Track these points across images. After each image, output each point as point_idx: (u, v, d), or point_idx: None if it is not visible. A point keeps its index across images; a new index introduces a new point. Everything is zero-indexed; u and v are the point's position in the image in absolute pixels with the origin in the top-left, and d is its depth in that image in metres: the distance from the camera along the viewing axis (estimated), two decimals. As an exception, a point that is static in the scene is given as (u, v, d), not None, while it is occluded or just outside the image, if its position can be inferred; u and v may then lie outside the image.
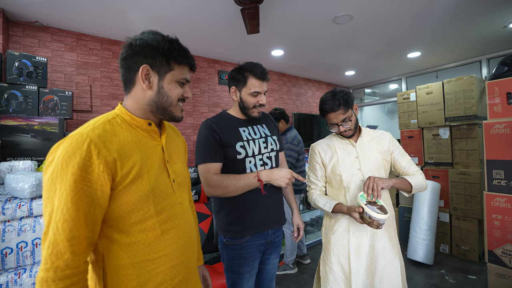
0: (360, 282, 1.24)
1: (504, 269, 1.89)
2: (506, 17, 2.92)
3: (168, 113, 0.79)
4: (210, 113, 3.99)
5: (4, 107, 2.04)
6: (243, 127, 1.26)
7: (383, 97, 6.25)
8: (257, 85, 1.21)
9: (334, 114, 1.27)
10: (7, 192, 1.49)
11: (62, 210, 0.59)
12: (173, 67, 0.76)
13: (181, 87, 0.79)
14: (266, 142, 1.28)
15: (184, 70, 0.79)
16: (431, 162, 3.16)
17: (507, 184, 1.90)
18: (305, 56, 4.03)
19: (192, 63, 0.81)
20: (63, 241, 0.58)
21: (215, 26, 2.93)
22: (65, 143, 0.63)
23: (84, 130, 0.66)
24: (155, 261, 0.71)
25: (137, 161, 0.70)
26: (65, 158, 0.61)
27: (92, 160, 0.63)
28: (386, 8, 2.62)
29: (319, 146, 1.43)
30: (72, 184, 0.60)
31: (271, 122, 1.41)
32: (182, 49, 0.77)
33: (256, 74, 1.20)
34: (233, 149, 1.19)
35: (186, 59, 0.78)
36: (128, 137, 0.72)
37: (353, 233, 1.30)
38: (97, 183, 0.63)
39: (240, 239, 1.21)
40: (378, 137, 1.39)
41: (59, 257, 0.58)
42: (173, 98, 0.78)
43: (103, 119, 0.72)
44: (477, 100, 2.80)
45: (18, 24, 2.65)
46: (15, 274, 1.31)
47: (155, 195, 0.72)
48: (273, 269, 1.35)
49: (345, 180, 1.31)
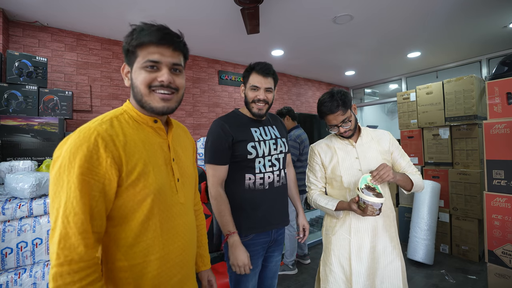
0: (361, 283, 1.23)
1: (504, 269, 1.89)
2: (506, 17, 2.92)
3: (146, 106, 0.72)
4: (210, 113, 3.99)
5: (4, 107, 2.04)
6: (255, 128, 1.27)
7: (383, 97, 6.25)
8: (257, 80, 1.22)
9: (333, 115, 1.25)
10: (7, 192, 1.49)
11: (72, 203, 0.57)
12: (138, 54, 0.69)
13: (149, 72, 0.69)
14: (276, 143, 1.29)
15: (149, 51, 0.68)
16: (431, 162, 3.15)
17: (507, 184, 1.90)
18: (305, 56, 4.03)
19: (154, 36, 0.68)
20: (75, 235, 0.57)
21: (215, 26, 2.93)
22: (72, 136, 0.62)
23: (92, 124, 0.65)
24: (153, 262, 0.69)
25: (142, 159, 0.69)
26: (73, 151, 0.59)
27: (99, 153, 0.61)
28: (386, 8, 2.62)
29: (318, 147, 1.42)
30: (79, 176, 0.58)
31: (281, 124, 1.43)
32: (140, 29, 0.69)
33: (257, 70, 1.22)
34: (244, 149, 1.21)
35: (144, 36, 0.68)
36: (134, 134, 0.71)
37: (354, 234, 1.29)
38: (104, 177, 0.62)
39: (245, 237, 1.21)
40: (378, 136, 1.38)
41: (72, 251, 0.56)
42: (139, 86, 0.70)
43: (110, 115, 0.71)
44: (477, 100, 2.80)
45: (18, 24, 2.65)
46: (15, 274, 1.31)
47: (160, 193, 0.71)
48: (275, 266, 1.36)
49: (346, 181, 1.31)
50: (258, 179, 1.23)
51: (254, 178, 1.22)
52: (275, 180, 1.27)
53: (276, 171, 1.27)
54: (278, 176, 1.28)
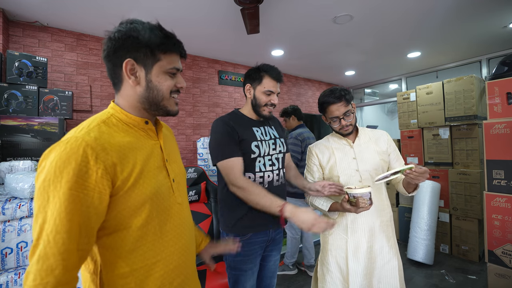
0: (358, 283, 1.24)
1: (504, 269, 1.89)
2: (506, 17, 2.92)
3: (162, 108, 0.73)
4: (210, 113, 3.99)
5: (4, 107, 2.04)
6: (256, 127, 1.29)
7: (383, 97, 6.25)
8: (272, 85, 1.26)
9: (336, 106, 1.26)
10: (7, 192, 1.49)
11: (55, 220, 0.54)
12: (160, 57, 0.69)
13: (171, 77, 0.72)
14: (275, 143, 1.31)
15: (173, 58, 0.72)
16: (431, 162, 3.15)
17: (507, 184, 1.90)
18: (305, 56, 4.03)
19: (181, 50, 0.73)
20: (55, 255, 0.53)
21: (215, 26, 2.93)
22: (57, 148, 0.58)
23: (79, 133, 0.60)
24: (154, 265, 0.68)
25: (137, 163, 0.66)
26: (59, 165, 0.55)
27: (89, 165, 0.57)
28: (386, 8, 2.62)
29: (316, 148, 1.42)
30: (66, 192, 0.55)
31: (278, 124, 1.45)
32: (166, 35, 0.70)
33: (272, 74, 1.25)
34: (248, 148, 1.22)
35: (172, 46, 0.71)
36: (125, 138, 0.67)
37: (351, 234, 1.29)
38: (94, 190, 0.58)
39: (243, 236, 1.22)
40: (375, 136, 1.38)
41: (49, 273, 0.53)
42: (164, 91, 0.71)
43: (97, 120, 0.67)
44: (477, 100, 2.80)
45: (18, 24, 2.65)
46: (15, 274, 1.31)
47: (157, 197, 0.69)
48: (273, 266, 1.37)
49: (343, 181, 1.31)
50: (258, 178, 1.24)
51: (254, 177, 1.23)
52: (274, 179, 1.28)
53: (275, 170, 1.29)
54: (278, 175, 1.30)
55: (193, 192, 2.23)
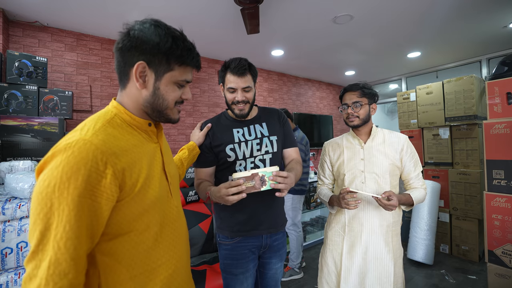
0: (350, 280, 1.27)
1: (504, 269, 1.89)
2: (506, 17, 2.92)
3: (164, 116, 0.72)
4: (210, 113, 3.99)
5: (4, 107, 2.04)
6: (238, 128, 1.22)
7: (383, 97, 6.25)
8: (232, 80, 1.14)
9: (350, 93, 1.31)
10: (7, 192, 1.49)
11: (65, 227, 0.52)
12: (174, 68, 0.68)
13: (179, 88, 0.72)
14: (261, 143, 1.21)
15: (187, 70, 0.71)
16: (431, 162, 3.16)
17: (507, 184, 1.90)
18: (305, 56, 4.03)
19: (197, 64, 0.73)
20: (67, 260, 0.52)
21: (215, 26, 2.93)
22: (63, 152, 0.54)
23: (86, 136, 0.57)
24: (154, 271, 0.67)
25: (144, 167, 0.65)
26: (66, 170, 0.53)
27: (98, 171, 0.55)
28: (386, 8, 2.62)
29: (329, 145, 1.47)
30: (76, 199, 0.53)
31: (276, 120, 1.30)
32: (186, 47, 0.68)
33: (231, 69, 1.13)
34: (223, 152, 1.19)
35: (190, 60, 0.69)
36: (130, 141, 0.65)
37: (348, 232, 1.32)
38: (102, 196, 0.56)
39: (231, 239, 1.20)
40: (391, 140, 1.33)
41: (62, 277, 0.52)
42: (169, 101, 0.70)
43: (101, 120, 0.64)
44: (477, 100, 2.80)
45: (18, 24, 2.65)
46: (15, 274, 1.31)
47: (159, 201, 0.68)
48: (276, 274, 1.29)
49: (347, 180, 1.32)
50: None
51: None
52: None
53: None
54: None
55: (193, 192, 2.22)
